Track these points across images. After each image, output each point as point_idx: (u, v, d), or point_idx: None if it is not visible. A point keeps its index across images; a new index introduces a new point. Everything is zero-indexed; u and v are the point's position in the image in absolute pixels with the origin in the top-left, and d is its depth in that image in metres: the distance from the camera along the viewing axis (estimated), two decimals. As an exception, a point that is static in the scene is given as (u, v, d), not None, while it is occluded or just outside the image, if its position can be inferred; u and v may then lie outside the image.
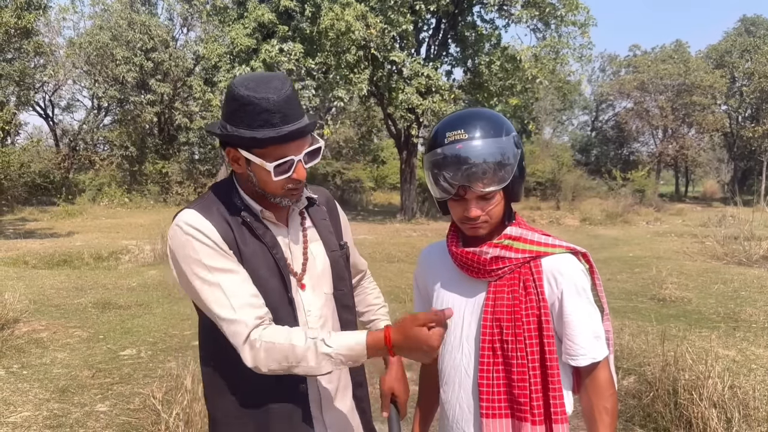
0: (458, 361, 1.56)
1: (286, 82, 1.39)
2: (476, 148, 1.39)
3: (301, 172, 1.41)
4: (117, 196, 25.42)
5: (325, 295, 1.57)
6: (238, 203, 1.46)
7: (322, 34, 17.15)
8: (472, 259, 1.49)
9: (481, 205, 1.44)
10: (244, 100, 1.35)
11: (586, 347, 1.45)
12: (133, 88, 27.24)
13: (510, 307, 1.46)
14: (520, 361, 1.44)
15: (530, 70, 17.98)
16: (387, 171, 33.86)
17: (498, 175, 1.40)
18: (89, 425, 3.76)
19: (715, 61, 37.30)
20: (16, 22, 14.89)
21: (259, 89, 1.35)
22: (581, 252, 1.53)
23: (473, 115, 1.47)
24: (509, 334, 1.45)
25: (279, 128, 1.35)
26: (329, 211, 1.67)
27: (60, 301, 7.23)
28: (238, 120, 1.36)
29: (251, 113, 1.35)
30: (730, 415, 3.35)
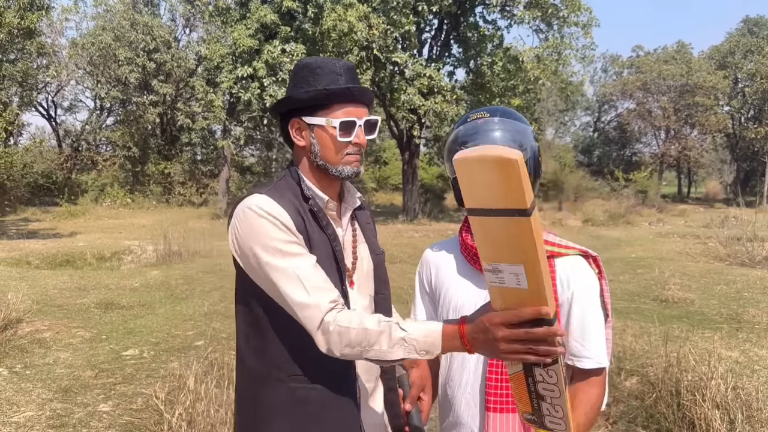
0: (466, 357, 1.56)
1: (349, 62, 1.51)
2: (496, 124, 1.45)
3: (362, 137, 1.46)
4: (119, 196, 25.46)
5: (370, 297, 1.58)
6: (306, 191, 1.48)
7: (324, 34, 17.15)
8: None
9: None
10: (314, 65, 1.45)
11: (591, 350, 1.46)
12: (136, 89, 27.28)
13: None
14: None
15: (533, 71, 17.96)
16: (389, 172, 33.85)
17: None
18: (92, 425, 3.76)
19: (718, 62, 37.24)
20: (19, 22, 14.91)
21: (324, 60, 1.47)
22: (592, 256, 1.54)
23: (498, 106, 1.54)
24: None
25: (347, 86, 1.43)
26: (372, 217, 1.70)
27: (63, 301, 7.24)
28: (307, 84, 1.44)
29: (320, 74, 1.43)
30: (733, 416, 3.34)
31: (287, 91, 1.51)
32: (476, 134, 1.45)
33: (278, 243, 1.36)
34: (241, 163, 29.93)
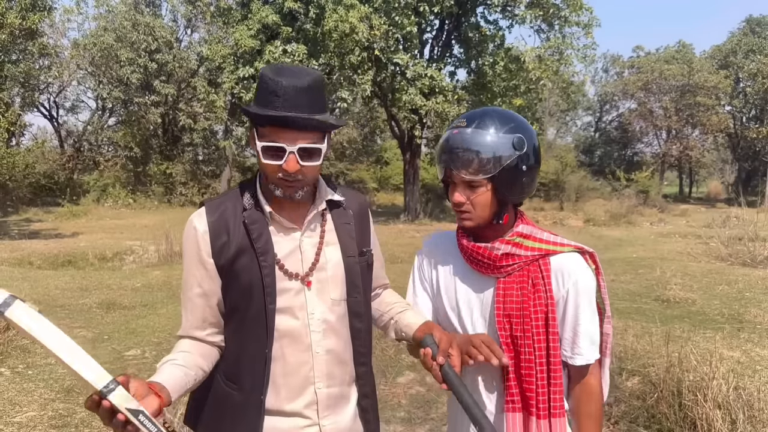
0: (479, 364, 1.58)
1: (314, 77, 1.43)
2: (466, 135, 1.48)
3: (292, 164, 1.41)
4: (121, 196, 25.49)
5: (332, 301, 1.55)
6: (248, 202, 1.51)
7: (325, 35, 17.15)
8: (483, 254, 1.53)
9: (466, 192, 1.51)
10: (261, 79, 1.42)
11: (583, 347, 1.50)
12: (138, 89, 27.30)
13: (519, 303, 1.50)
14: (527, 357, 1.49)
15: (534, 71, 17.96)
16: (390, 172, 33.86)
17: (481, 166, 1.46)
18: (94, 425, 3.77)
19: (720, 62, 37.20)
20: (21, 23, 14.94)
21: (279, 72, 1.41)
22: (588, 252, 1.57)
23: (486, 111, 1.54)
24: (518, 330, 1.50)
25: (276, 110, 1.38)
26: (358, 217, 1.66)
27: (65, 301, 7.25)
28: (255, 97, 1.44)
29: (262, 91, 1.41)
30: (734, 416, 3.34)
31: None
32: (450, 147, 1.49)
33: (188, 258, 1.51)
34: (243, 164, 29.94)
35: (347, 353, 1.58)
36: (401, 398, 4.26)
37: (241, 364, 1.51)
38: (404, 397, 4.30)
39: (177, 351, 1.49)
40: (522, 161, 1.48)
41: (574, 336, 1.50)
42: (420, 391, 4.42)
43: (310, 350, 1.52)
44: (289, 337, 1.50)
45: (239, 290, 1.48)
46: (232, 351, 1.54)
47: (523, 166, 1.48)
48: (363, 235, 1.66)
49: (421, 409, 4.15)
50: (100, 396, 1.16)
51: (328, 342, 1.54)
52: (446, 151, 1.50)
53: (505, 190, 1.49)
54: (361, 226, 1.66)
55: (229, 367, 1.54)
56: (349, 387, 1.61)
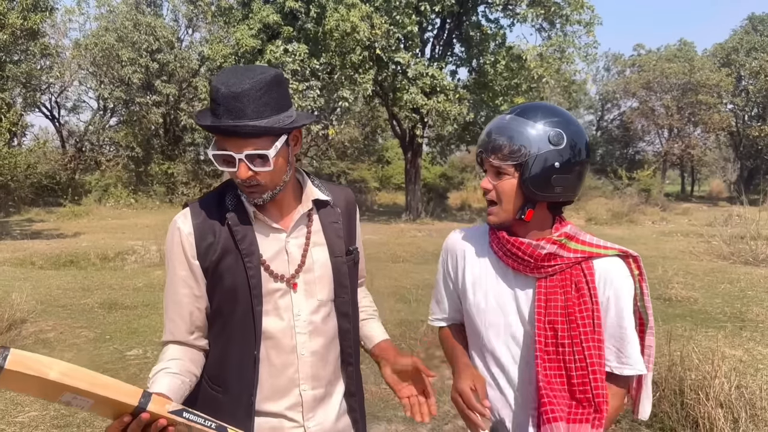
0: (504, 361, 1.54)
1: (256, 79, 1.36)
2: (504, 122, 1.46)
3: (242, 172, 1.39)
4: (123, 196, 25.51)
5: (319, 302, 1.54)
6: (230, 204, 1.49)
7: (327, 34, 17.14)
8: (526, 250, 1.46)
9: (493, 179, 1.48)
10: (212, 83, 1.38)
11: (632, 357, 1.44)
12: (139, 89, 27.32)
13: (564, 308, 1.44)
14: (579, 365, 1.41)
15: (535, 70, 17.94)
16: (392, 171, 33.85)
17: (510, 153, 1.42)
18: (96, 425, 3.77)
19: (722, 60, 37.12)
20: (23, 23, 14.96)
21: (223, 79, 1.36)
22: (633, 256, 1.51)
23: (536, 103, 1.52)
24: (565, 336, 1.43)
25: (216, 119, 1.36)
26: (346, 214, 1.64)
27: (67, 301, 7.26)
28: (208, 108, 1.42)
29: (210, 98, 1.39)
30: (736, 415, 3.34)
31: None
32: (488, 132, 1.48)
33: (171, 260, 1.52)
34: (245, 163, 29.95)
35: (333, 354, 1.57)
36: (403, 397, 4.25)
37: (227, 366, 1.51)
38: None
39: (167, 359, 1.49)
40: (556, 157, 1.42)
41: (620, 344, 1.44)
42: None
43: (295, 352, 1.51)
44: (274, 339, 1.50)
45: (224, 292, 1.48)
46: (215, 354, 1.54)
47: (556, 162, 1.42)
48: (350, 232, 1.64)
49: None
50: (133, 413, 1.14)
51: (314, 343, 1.53)
52: (484, 136, 1.49)
53: (530, 184, 1.42)
54: (348, 224, 1.64)
55: (214, 370, 1.54)
56: (335, 387, 1.60)
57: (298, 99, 17.80)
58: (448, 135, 22.14)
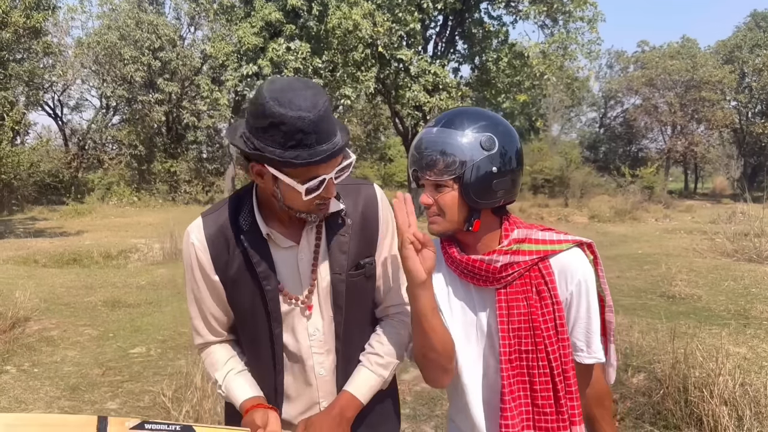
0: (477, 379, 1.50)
1: (321, 94, 1.29)
2: (431, 135, 1.41)
3: (331, 189, 1.36)
4: (126, 195, 25.57)
5: (331, 319, 1.51)
6: (244, 223, 1.44)
7: (329, 32, 17.14)
8: (480, 267, 1.43)
9: (432, 194, 1.44)
10: (276, 118, 1.24)
11: (593, 346, 1.44)
12: (141, 88, 27.35)
13: (526, 315, 1.42)
14: (542, 371, 1.40)
15: (538, 67, 17.91)
16: (394, 169, 33.85)
17: (446, 167, 1.38)
18: (100, 423, 3.77)
19: (725, 57, 37.02)
20: (25, 22, 14.98)
21: (293, 105, 1.24)
22: (586, 243, 1.50)
23: (458, 110, 1.48)
24: (528, 343, 1.42)
25: (313, 149, 1.26)
26: (363, 220, 1.53)
27: (70, 299, 7.27)
28: (269, 138, 1.27)
29: (284, 133, 1.25)
30: (741, 412, 3.33)
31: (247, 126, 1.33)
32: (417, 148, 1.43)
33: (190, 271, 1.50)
34: (247, 162, 29.99)
35: (350, 369, 1.55)
36: (406, 395, 4.26)
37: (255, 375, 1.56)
38: (409, 394, 4.29)
39: (222, 360, 1.55)
40: (492, 162, 1.38)
41: (588, 336, 1.44)
42: (425, 388, 4.41)
43: (314, 371, 1.51)
44: (293, 358, 1.51)
45: (242, 312, 1.50)
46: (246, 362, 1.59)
47: (494, 167, 1.38)
48: (367, 241, 1.53)
49: (425, 406, 4.14)
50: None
51: (330, 361, 1.52)
52: (414, 152, 1.44)
53: (472, 193, 1.39)
54: (363, 231, 1.53)
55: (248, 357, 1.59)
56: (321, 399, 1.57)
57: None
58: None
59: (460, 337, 1.49)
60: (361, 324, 1.56)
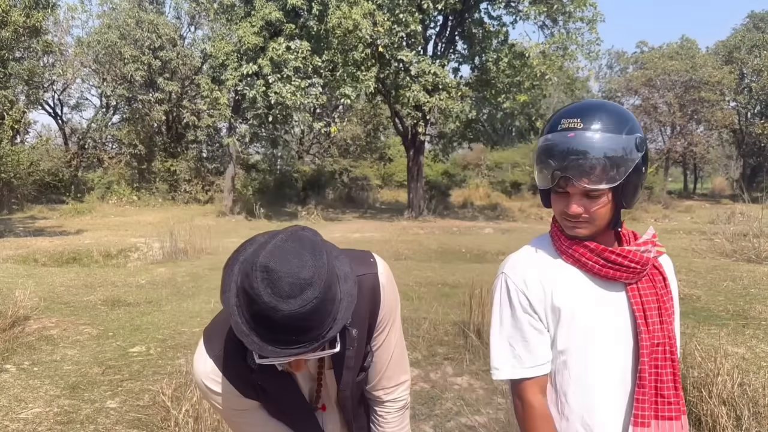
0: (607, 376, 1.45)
1: (317, 284, 1.11)
2: (588, 140, 1.29)
3: (300, 366, 1.26)
4: (126, 194, 25.57)
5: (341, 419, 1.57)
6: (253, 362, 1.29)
7: (329, 31, 17.14)
8: (634, 258, 1.39)
9: (584, 202, 1.35)
10: (254, 295, 1.10)
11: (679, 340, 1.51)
12: (142, 87, 27.34)
13: (657, 309, 1.42)
14: (668, 362, 1.42)
15: (538, 67, 17.92)
16: (394, 168, 33.84)
17: (607, 174, 1.30)
18: (99, 421, 3.78)
19: (724, 57, 37.03)
20: (25, 20, 14.96)
21: (276, 287, 1.09)
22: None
23: (596, 105, 1.38)
24: (661, 336, 1.42)
25: (272, 345, 1.13)
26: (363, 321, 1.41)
27: (70, 298, 7.27)
28: (244, 305, 1.15)
29: (255, 313, 1.12)
30: (739, 412, 3.33)
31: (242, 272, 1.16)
32: (565, 152, 1.30)
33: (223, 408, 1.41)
34: (247, 161, 29.97)
35: None
36: (405, 394, 4.26)
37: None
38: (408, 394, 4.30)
39: None
40: (643, 163, 1.34)
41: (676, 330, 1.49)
42: (424, 388, 4.42)
43: None
44: None
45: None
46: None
47: (643, 167, 1.35)
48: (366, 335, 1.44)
49: (425, 405, 4.15)
50: None
51: None
52: (559, 156, 1.31)
53: (627, 197, 1.36)
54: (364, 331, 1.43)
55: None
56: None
57: (300, 96, 17.81)
58: (450, 132, 22.14)
59: (592, 335, 1.42)
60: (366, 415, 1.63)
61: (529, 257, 1.48)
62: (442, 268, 9.76)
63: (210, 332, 1.40)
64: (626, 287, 1.42)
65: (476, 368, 4.72)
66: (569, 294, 1.41)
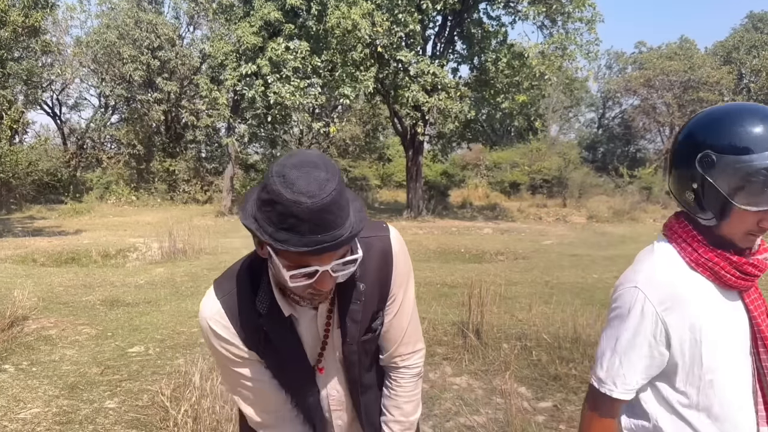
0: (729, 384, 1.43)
1: (333, 179, 1.16)
2: None
3: (325, 283, 1.23)
4: (124, 194, 25.55)
5: (343, 380, 1.54)
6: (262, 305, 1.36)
7: (328, 32, 17.14)
8: (762, 269, 1.39)
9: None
10: (275, 196, 1.15)
11: None
12: (140, 87, 27.33)
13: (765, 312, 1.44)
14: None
15: (537, 67, 17.92)
16: (393, 169, 33.83)
17: None
18: (98, 422, 3.78)
19: (722, 58, 37.09)
20: (24, 20, 14.95)
21: (295, 186, 1.14)
22: None
23: None
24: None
25: (305, 237, 1.15)
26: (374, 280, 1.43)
27: (68, 298, 7.27)
28: (266, 213, 1.18)
29: (278, 213, 1.15)
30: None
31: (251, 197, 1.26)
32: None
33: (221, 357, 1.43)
34: (246, 161, 29.96)
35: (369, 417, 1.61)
36: (404, 395, 4.26)
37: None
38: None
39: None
40: None
41: None
42: (423, 388, 4.41)
43: (331, 423, 1.59)
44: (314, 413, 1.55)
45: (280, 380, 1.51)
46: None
47: None
48: (378, 299, 1.46)
49: (424, 405, 4.14)
50: None
51: (348, 416, 1.59)
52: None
53: None
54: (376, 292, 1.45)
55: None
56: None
57: (299, 96, 17.81)
58: (449, 133, 22.11)
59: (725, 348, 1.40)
60: (375, 377, 1.60)
61: (664, 272, 1.42)
62: (441, 268, 9.76)
63: (220, 278, 1.44)
64: (741, 294, 1.42)
65: (475, 368, 4.72)
66: (705, 309, 1.39)
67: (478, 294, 5.41)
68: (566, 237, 14.90)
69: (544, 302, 6.24)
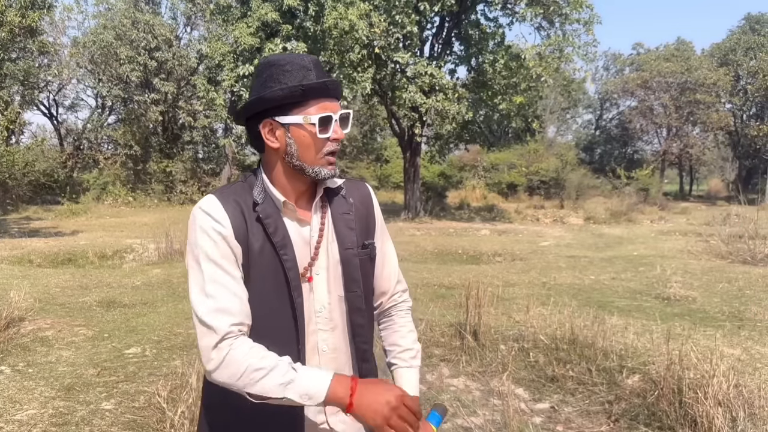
0: None
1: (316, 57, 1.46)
2: None
3: (340, 132, 1.43)
4: (121, 195, 25.53)
5: (339, 297, 1.50)
6: (259, 196, 1.43)
7: (325, 32, 17.14)
8: None
9: None
10: (282, 62, 1.40)
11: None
12: (137, 87, 27.31)
13: None
14: None
15: (534, 69, 17.94)
16: (390, 170, 33.86)
17: None
18: (95, 423, 3.77)
19: (719, 59, 37.18)
20: (21, 21, 14.92)
21: (291, 55, 1.42)
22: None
23: None
24: None
25: (317, 80, 1.39)
26: (361, 207, 1.58)
27: (65, 299, 7.25)
28: (277, 82, 1.39)
29: (290, 70, 1.39)
30: (735, 413, 3.34)
31: (253, 92, 1.44)
32: None
33: (208, 249, 1.35)
34: (243, 162, 29.95)
35: (351, 349, 1.54)
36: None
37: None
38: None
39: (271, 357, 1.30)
40: None
41: None
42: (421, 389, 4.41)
43: (317, 349, 1.49)
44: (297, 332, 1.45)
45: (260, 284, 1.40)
46: None
47: None
48: (366, 226, 1.58)
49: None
50: None
51: (334, 339, 1.51)
52: None
53: None
54: (363, 217, 1.57)
55: None
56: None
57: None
58: (446, 134, 22.14)
59: None
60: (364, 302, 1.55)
61: None
62: (438, 269, 9.76)
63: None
64: None
65: (472, 370, 4.72)
66: None
67: (476, 295, 5.41)
68: (563, 238, 14.92)
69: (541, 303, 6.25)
